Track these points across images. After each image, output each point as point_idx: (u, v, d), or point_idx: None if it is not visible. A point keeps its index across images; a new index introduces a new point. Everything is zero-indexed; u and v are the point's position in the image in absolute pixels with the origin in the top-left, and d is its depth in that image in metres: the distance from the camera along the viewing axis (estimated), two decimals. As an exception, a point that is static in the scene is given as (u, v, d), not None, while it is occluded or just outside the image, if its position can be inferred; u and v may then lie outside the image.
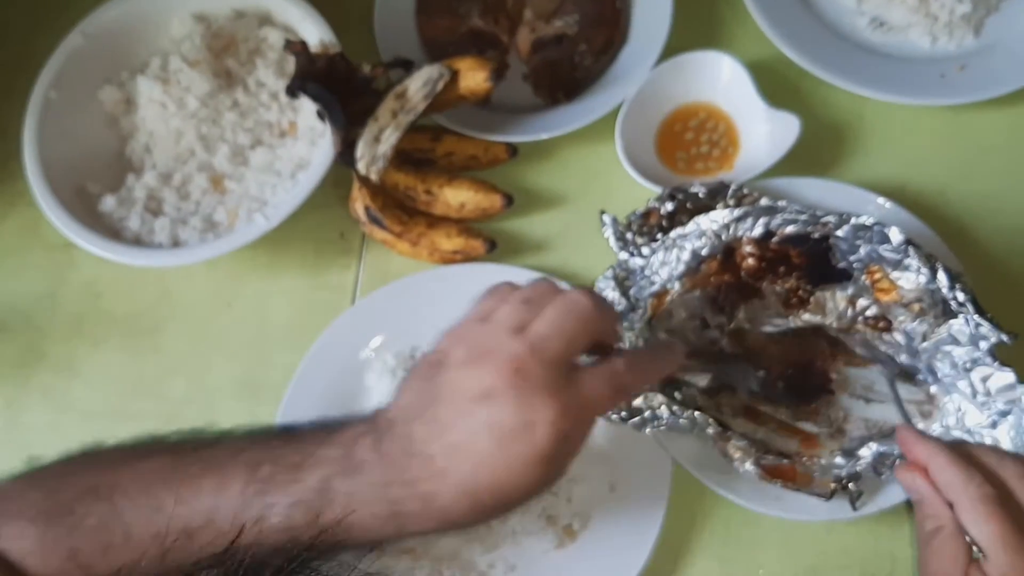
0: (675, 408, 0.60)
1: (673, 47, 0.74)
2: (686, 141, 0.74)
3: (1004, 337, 0.56)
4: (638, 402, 0.61)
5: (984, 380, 0.58)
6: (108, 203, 0.74)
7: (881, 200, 0.67)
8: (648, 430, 0.60)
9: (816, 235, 0.62)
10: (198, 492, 0.44)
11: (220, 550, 0.43)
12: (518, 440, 0.41)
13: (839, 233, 0.61)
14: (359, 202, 0.72)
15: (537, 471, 0.42)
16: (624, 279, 0.64)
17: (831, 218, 0.61)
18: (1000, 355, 0.57)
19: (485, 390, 0.42)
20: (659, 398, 0.60)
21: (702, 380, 0.64)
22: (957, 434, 0.58)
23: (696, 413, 0.59)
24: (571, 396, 0.43)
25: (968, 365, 0.58)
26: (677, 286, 0.64)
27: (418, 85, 0.70)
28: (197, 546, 0.44)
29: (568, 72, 0.76)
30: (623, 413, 0.60)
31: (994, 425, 0.57)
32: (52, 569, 0.45)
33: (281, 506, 0.43)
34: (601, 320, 0.46)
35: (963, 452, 0.48)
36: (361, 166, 0.70)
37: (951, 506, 0.47)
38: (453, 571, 0.63)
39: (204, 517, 0.44)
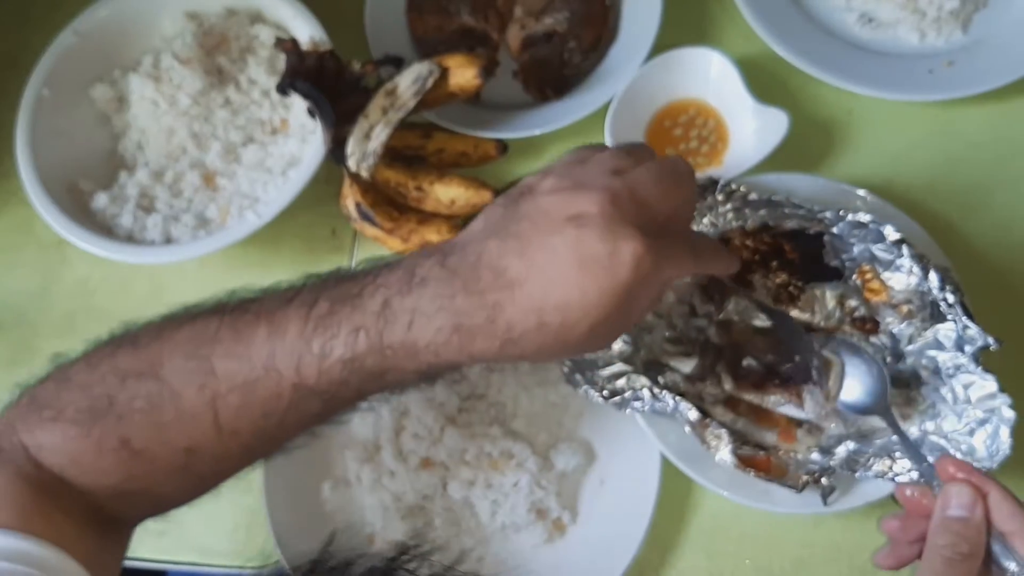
0: (656, 391, 0.60)
1: (662, 44, 0.75)
2: (675, 137, 0.74)
3: (991, 342, 0.57)
4: (620, 383, 0.61)
5: (966, 387, 0.58)
6: (101, 201, 0.74)
7: (869, 195, 0.68)
8: (628, 410, 0.61)
9: (811, 231, 0.63)
10: (250, 343, 0.42)
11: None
12: (600, 265, 0.40)
13: (835, 230, 0.62)
14: (350, 199, 0.72)
15: (608, 304, 0.40)
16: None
17: (828, 214, 0.62)
18: (984, 361, 0.58)
19: (576, 213, 0.41)
20: (642, 380, 0.61)
21: (686, 366, 0.64)
22: (934, 439, 0.58)
23: (677, 398, 0.60)
24: (657, 241, 0.42)
25: (951, 371, 0.59)
26: None
27: (408, 82, 0.70)
28: (259, 399, 0.42)
29: (557, 69, 0.77)
30: (604, 392, 0.61)
31: (971, 433, 0.57)
32: (108, 464, 0.43)
33: (342, 337, 0.41)
34: (691, 189, 0.46)
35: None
36: (352, 163, 0.70)
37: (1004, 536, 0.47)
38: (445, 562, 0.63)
39: (262, 366, 0.42)
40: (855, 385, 0.61)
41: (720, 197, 0.65)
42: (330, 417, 0.45)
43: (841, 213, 0.61)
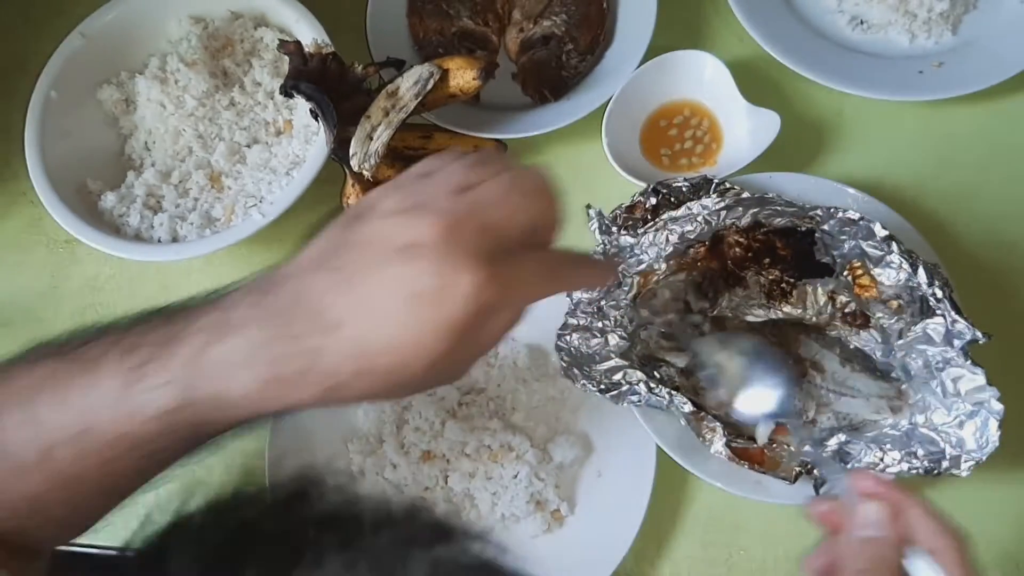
0: (652, 385, 0.62)
1: (658, 46, 0.76)
2: (670, 137, 0.76)
3: (979, 336, 0.58)
4: (617, 377, 0.63)
5: (955, 381, 0.59)
6: (108, 200, 0.76)
7: (859, 194, 0.69)
8: (625, 404, 0.63)
9: (803, 228, 0.64)
10: (67, 394, 0.39)
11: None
12: (431, 301, 0.36)
13: (825, 227, 0.63)
14: (352, 198, 0.74)
15: (444, 341, 0.37)
16: (613, 255, 0.66)
17: (818, 212, 0.63)
18: (973, 355, 0.59)
19: (410, 242, 0.37)
20: (638, 374, 0.62)
21: (681, 360, 0.65)
22: (923, 432, 0.59)
23: (672, 392, 0.61)
24: (501, 269, 0.38)
25: (940, 365, 0.60)
26: (663, 267, 0.66)
27: (409, 84, 0.72)
28: (87, 451, 0.39)
29: (555, 71, 0.78)
30: (601, 386, 0.63)
31: (960, 425, 0.58)
32: None
33: (154, 390, 0.38)
34: (550, 201, 0.41)
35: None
36: (354, 163, 0.72)
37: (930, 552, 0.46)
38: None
39: (80, 422, 0.39)
40: (758, 391, 0.59)
41: (714, 196, 0.66)
42: (170, 463, 0.42)
43: (832, 210, 0.63)
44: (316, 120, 0.73)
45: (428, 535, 0.30)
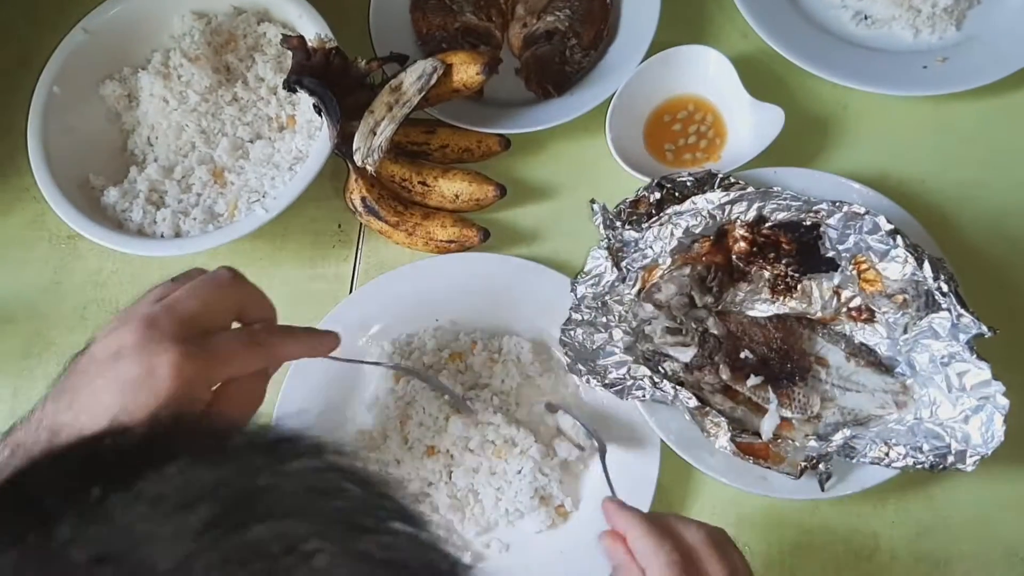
0: (657, 380, 0.62)
1: (662, 41, 0.76)
2: (674, 132, 0.76)
3: (985, 330, 0.58)
4: (621, 372, 0.63)
5: (960, 375, 0.59)
6: (111, 195, 0.76)
7: (864, 189, 0.69)
8: (629, 399, 0.63)
9: (807, 222, 0.64)
10: None
11: None
12: (140, 387, 0.43)
13: (830, 221, 0.63)
14: (356, 193, 0.73)
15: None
16: (618, 250, 0.66)
17: (823, 206, 0.63)
18: (978, 349, 0.58)
19: (117, 349, 0.44)
20: (643, 370, 0.62)
21: (685, 355, 0.65)
22: (929, 426, 0.59)
23: (677, 387, 0.61)
24: (200, 345, 0.45)
25: (946, 359, 0.60)
26: (668, 261, 0.66)
27: (412, 79, 0.72)
28: None
29: (559, 66, 0.78)
30: (606, 381, 0.63)
31: (966, 420, 0.58)
32: None
33: None
34: (239, 289, 0.49)
35: (659, 523, 0.51)
36: (358, 158, 0.72)
37: (643, 572, 0.49)
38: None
39: None
40: None
41: (718, 190, 0.66)
42: None
43: (836, 205, 0.62)
44: (319, 115, 0.73)
45: (275, 442, 0.32)
